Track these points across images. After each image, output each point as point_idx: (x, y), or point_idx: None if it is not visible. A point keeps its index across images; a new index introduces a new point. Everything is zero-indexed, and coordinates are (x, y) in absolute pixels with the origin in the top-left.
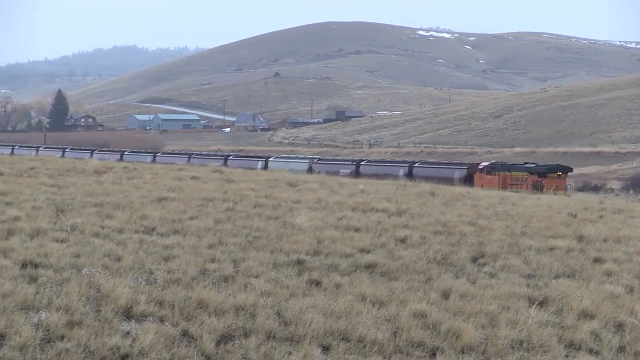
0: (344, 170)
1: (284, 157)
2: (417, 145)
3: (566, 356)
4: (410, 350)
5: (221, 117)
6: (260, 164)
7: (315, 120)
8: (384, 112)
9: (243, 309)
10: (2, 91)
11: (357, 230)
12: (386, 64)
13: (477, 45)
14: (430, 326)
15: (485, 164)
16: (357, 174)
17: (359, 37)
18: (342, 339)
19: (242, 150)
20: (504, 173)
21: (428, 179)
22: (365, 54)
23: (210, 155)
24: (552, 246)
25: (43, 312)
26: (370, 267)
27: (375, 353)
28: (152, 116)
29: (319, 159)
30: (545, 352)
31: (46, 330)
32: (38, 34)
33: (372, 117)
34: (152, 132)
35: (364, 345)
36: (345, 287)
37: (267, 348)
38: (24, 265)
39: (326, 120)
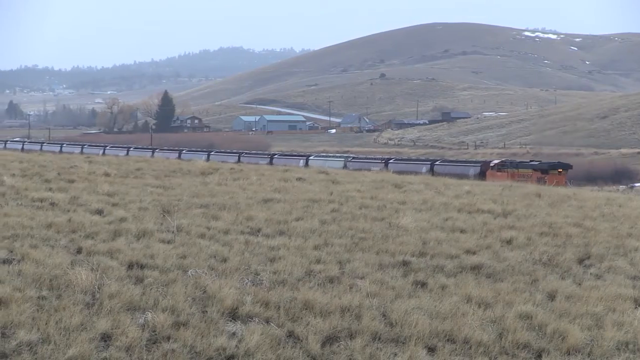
0: (374, 168)
1: (323, 156)
2: (523, 146)
3: None
4: (516, 352)
5: (327, 118)
6: (302, 162)
7: (421, 122)
8: (490, 113)
9: (349, 310)
10: (109, 92)
11: (462, 231)
12: (492, 65)
13: (583, 46)
14: (536, 327)
15: (496, 161)
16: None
17: (464, 38)
18: (448, 340)
19: (347, 151)
20: (512, 170)
21: (447, 175)
22: (470, 55)
23: (259, 154)
24: None
25: (149, 313)
26: (475, 268)
27: (481, 354)
28: (258, 117)
29: (353, 158)
30: None
31: (152, 331)
32: (144, 36)
33: (477, 118)
34: (251, 133)
35: (470, 347)
36: (451, 288)
37: (373, 349)
38: (130, 266)
39: (432, 122)
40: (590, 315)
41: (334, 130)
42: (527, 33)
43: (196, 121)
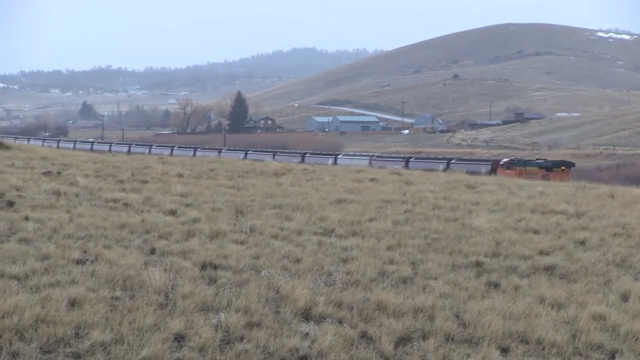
0: (395, 166)
1: (350, 155)
2: (597, 147)
3: None
4: (589, 353)
5: (400, 118)
6: (330, 161)
7: (494, 122)
8: (563, 114)
9: (422, 310)
10: (182, 93)
11: (535, 232)
12: (565, 66)
13: None
14: (610, 328)
15: (506, 160)
16: (406, 168)
17: (537, 39)
18: (521, 341)
19: (420, 152)
20: (520, 168)
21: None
22: (544, 55)
23: (292, 153)
24: None
25: (222, 313)
26: (549, 269)
27: (554, 355)
28: (331, 118)
29: (377, 156)
30: None
31: (225, 332)
32: (217, 37)
33: (551, 118)
34: (321, 134)
35: (543, 348)
36: (524, 289)
37: (446, 350)
38: (203, 267)
39: (505, 122)
40: None
41: (407, 131)
42: (600, 34)
43: (269, 122)
